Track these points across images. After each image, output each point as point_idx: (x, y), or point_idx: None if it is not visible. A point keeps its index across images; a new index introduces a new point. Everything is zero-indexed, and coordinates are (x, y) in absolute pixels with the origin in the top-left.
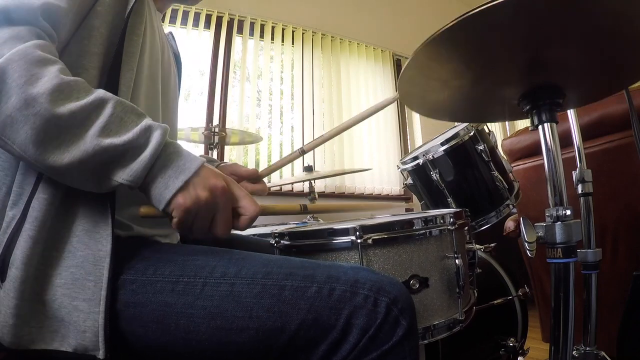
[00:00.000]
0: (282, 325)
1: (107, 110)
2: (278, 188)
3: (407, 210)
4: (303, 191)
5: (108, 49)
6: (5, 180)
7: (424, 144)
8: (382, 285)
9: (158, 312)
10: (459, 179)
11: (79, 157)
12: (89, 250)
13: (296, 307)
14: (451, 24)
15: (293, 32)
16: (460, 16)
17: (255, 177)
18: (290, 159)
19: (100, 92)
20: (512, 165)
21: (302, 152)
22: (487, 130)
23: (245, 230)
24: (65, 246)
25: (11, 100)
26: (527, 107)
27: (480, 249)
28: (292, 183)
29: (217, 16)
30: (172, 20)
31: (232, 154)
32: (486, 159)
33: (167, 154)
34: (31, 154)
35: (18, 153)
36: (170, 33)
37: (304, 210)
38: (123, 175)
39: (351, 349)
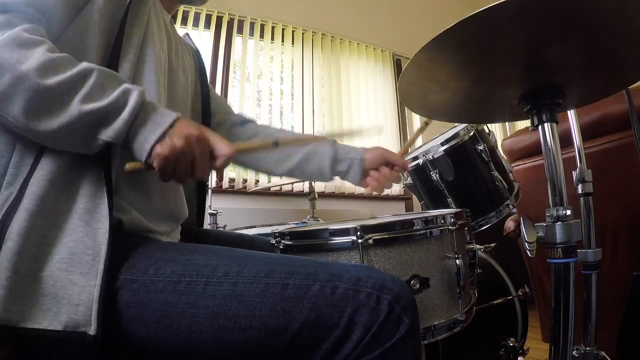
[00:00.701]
0: (285, 324)
1: (91, 79)
2: (278, 188)
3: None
4: (303, 191)
5: (108, 42)
6: (1, 161)
7: (424, 144)
8: (384, 283)
9: (160, 312)
10: (459, 179)
11: (66, 121)
12: (89, 227)
13: (299, 306)
14: (451, 26)
15: (293, 32)
16: (461, 19)
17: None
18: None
19: (84, 64)
20: (512, 165)
21: (426, 123)
22: (487, 130)
23: (247, 230)
24: (66, 224)
25: (4, 78)
26: (527, 107)
27: (480, 249)
28: (292, 183)
29: (217, 16)
30: (172, 20)
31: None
32: (486, 159)
33: (145, 111)
34: (23, 122)
35: (12, 124)
36: (187, 34)
37: (275, 145)
38: (107, 133)
39: (354, 347)
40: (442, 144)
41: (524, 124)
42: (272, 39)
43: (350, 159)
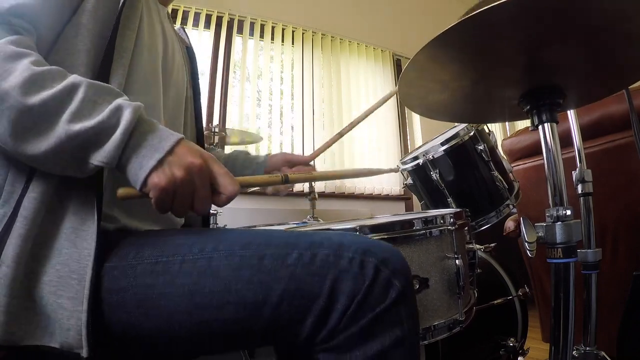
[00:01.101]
0: (263, 298)
1: (79, 95)
2: None
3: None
4: (303, 191)
5: (99, 46)
6: None
7: (424, 144)
8: (368, 247)
9: (139, 296)
10: (459, 179)
11: (53, 143)
12: (74, 248)
13: (276, 277)
14: (451, 26)
15: (293, 32)
16: (460, 19)
17: (307, 161)
18: (329, 143)
19: (72, 77)
20: (512, 165)
21: (340, 135)
22: (487, 130)
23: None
24: (54, 244)
25: None
26: (527, 107)
27: (480, 249)
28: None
29: (217, 16)
30: (172, 20)
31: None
32: (486, 159)
33: (141, 132)
34: (10, 145)
35: (2, 147)
36: (182, 27)
37: (284, 181)
38: (98, 157)
39: (340, 317)
40: (442, 143)
41: (524, 124)
42: (272, 39)
43: (255, 164)
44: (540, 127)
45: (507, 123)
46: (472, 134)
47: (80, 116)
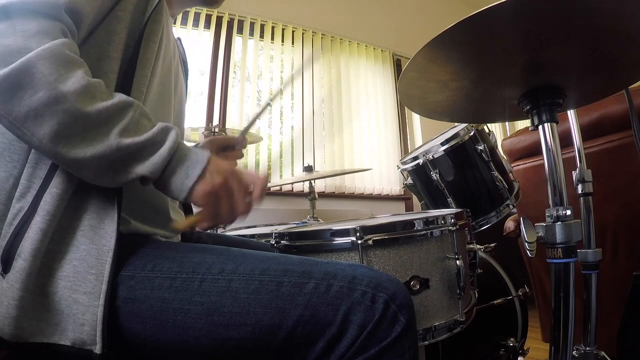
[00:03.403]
0: (279, 322)
1: (129, 113)
2: (278, 188)
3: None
4: (303, 191)
5: (125, 54)
6: (14, 172)
7: (424, 144)
8: (380, 282)
9: (156, 308)
10: (459, 179)
11: (102, 151)
12: (92, 244)
13: (293, 303)
14: (451, 26)
15: (293, 32)
16: (461, 19)
17: (235, 142)
18: (258, 114)
19: (123, 96)
20: (512, 165)
21: (268, 104)
22: (487, 130)
23: (247, 230)
24: (71, 240)
25: (38, 94)
26: (528, 107)
27: (480, 249)
28: (292, 183)
29: (217, 16)
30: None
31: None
32: (486, 159)
33: (182, 149)
34: (50, 146)
35: (36, 144)
36: (179, 38)
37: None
38: (143, 168)
39: (349, 345)
40: (442, 144)
41: (524, 124)
42: (272, 39)
43: None
44: (540, 127)
45: (507, 123)
46: (472, 134)
47: (130, 132)
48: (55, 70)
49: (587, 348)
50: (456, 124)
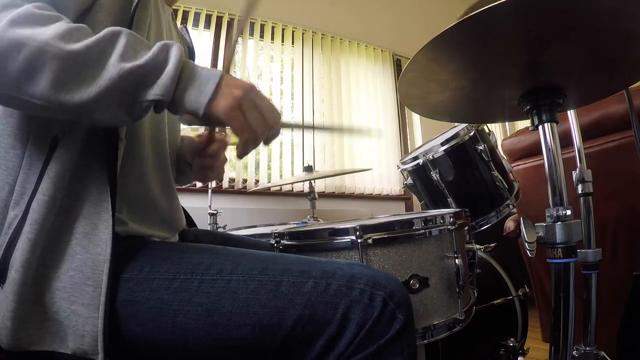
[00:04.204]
0: (278, 321)
1: (122, 40)
2: (278, 188)
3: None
4: (303, 191)
5: None
6: (8, 180)
7: (424, 144)
8: (378, 280)
9: (155, 310)
10: (459, 179)
11: (105, 85)
12: (87, 254)
13: (292, 303)
14: (451, 26)
15: (293, 32)
16: (459, 19)
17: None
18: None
19: (110, 27)
20: (512, 165)
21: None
22: (487, 130)
23: (247, 230)
24: (65, 249)
25: (21, 54)
26: (528, 107)
27: (480, 249)
28: (292, 183)
29: (217, 16)
30: (173, 15)
31: (232, 154)
32: (486, 159)
33: (189, 66)
34: (54, 99)
35: (40, 105)
36: (184, 27)
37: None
38: (153, 92)
39: (348, 343)
40: (442, 144)
41: (524, 124)
42: (272, 39)
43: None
44: (540, 127)
45: (507, 123)
46: (472, 134)
47: (127, 57)
48: (31, 27)
49: (587, 348)
50: (456, 124)
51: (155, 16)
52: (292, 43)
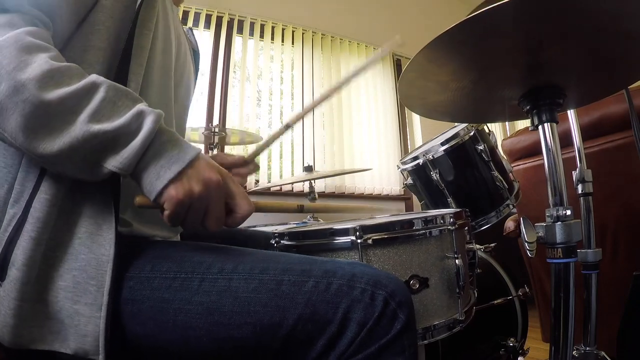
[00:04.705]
0: (279, 320)
1: (99, 95)
2: (278, 188)
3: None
4: (303, 191)
5: (115, 44)
6: (8, 177)
7: (424, 144)
8: (379, 279)
9: (156, 309)
10: (459, 179)
11: (68, 143)
12: (91, 254)
13: (293, 302)
14: (451, 27)
15: (293, 32)
16: (461, 20)
17: (242, 163)
18: (275, 136)
19: (93, 77)
20: (512, 165)
21: (287, 126)
22: (487, 130)
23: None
24: (68, 248)
25: (1, 87)
26: (528, 107)
27: (480, 249)
28: (292, 183)
29: (217, 16)
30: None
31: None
32: (486, 159)
33: (161, 141)
34: (21, 141)
35: (9, 141)
36: (190, 29)
37: (300, 210)
38: (113, 162)
39: (349, 343)
40: (442, 143)
41: (524, 124)
42: (272, 39)
43: None
44: (540, 127)
45: (507, 123)
46: (472, 134)
47: (99, 117)
48: (15, 59)
49: (587, 348)
50: (456, 124)
51: (163, 15)
52: (292, 43)
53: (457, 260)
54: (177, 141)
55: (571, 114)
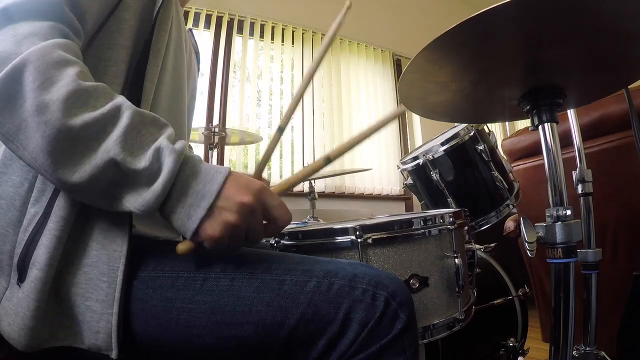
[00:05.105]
0: (282, 320)
1: (123, 121)
2: None
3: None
4: (303, 191)
5: (136, 43)
6: (28, 176)
7: (424, 144)
8: (380, 280)
9: (159, 308)
10: (459, 179)
11: (89, 172)
12: (103, 250)
13: (296, 302)
14: (451, 28)
15: (293, 32)
16: (461, 21)
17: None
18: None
19: (119, 100)
20: (512, 165)
21: (329, 160)
22: (487, 130)
23: None
24: (81, 245)
25: (26, 104)
26: (528, 107)
27: (480, 249)
28: None
29: (217, 16)
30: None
31: (232, 154)
32: (486, 159)
33: (185, 177)
34: (41, 163)
35: (29, 160)
36: (190, 30)
37: (327, 161)
38: (135, 204)
39: (350, 343)
40: (442, 144)
41: (524, 124)
42: (272, 39)
43: None
44: (540, 127)
45: (507, 123)
46: (472, 134)
47: (124, 145)
48: (40, 75)
49: (587, 348)
50: (456, 124)
51: (176, 16)
52: (292, 43)
53: (456, 260)
54: (200, 172)
55: (571, 114)
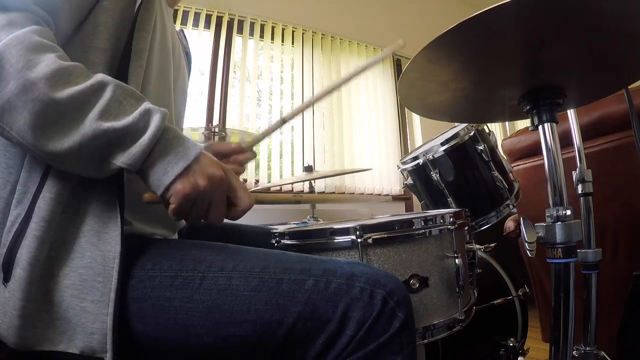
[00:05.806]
0: (280, 318)
1: (107, 94)
2: (278, 188)
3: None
4: (303, 191)
5: (116, 45)
6: (10, 178)
7: (424, 144)
8: (377, 278)
9: (157, 307)
10: (459, 179)
11: (78, 141)
12: (97, 251)
13: (294, 300)
14: (451, 28)
15: (293, 32)
16: (461, 21)
17: (240, 150)
18: (272, 129)
19: (100, 76)
20: (512, 165)
21: (283, 121)
22: (487, 130)
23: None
24: (74, 246)
25: (9, 85)
26: (528, 107)
27: (480, 249)
28: (292, 183)
29: (217, 16)
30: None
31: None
32: (486, 159)
33: (167, 139)
34: (30, 139)
35: (16, 139)
36: (181, 31)
37: (296, 201)
38: (122, 159)
39: (348, 341)
40: (442, 143)
41: (524, 124)
42: (272, 39)
43: None
44: (540, 127)
45: (507, 123)
46: (472, 134)
47: (108, 115)
48: (22, 57)
49: (587, 348)
50: (456, 124)
51: (160, 16)
52: (292, 43)
53: (456, 260)
54: (182, 138)
55: (571, 114)
